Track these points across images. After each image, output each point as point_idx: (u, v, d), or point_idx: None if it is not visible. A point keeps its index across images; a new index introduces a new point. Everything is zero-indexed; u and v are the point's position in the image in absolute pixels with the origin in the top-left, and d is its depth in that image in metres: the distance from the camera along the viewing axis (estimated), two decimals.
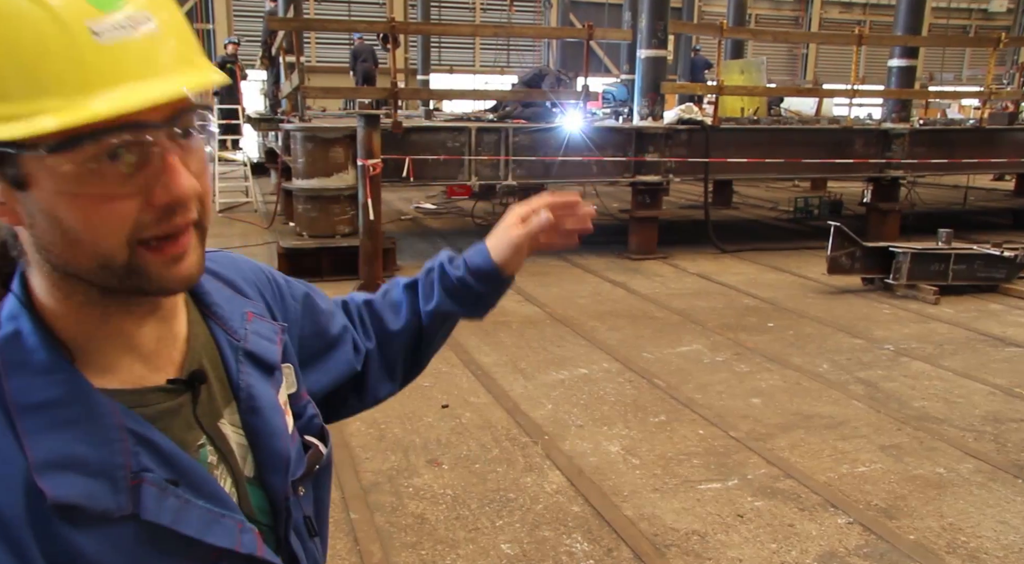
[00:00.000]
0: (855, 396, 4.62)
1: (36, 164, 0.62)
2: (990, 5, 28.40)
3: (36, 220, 0.66)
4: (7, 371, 0.67)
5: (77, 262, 0.67)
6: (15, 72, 0.59)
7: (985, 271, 7.04)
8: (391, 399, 1.22)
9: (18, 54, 0.59)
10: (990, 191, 15.01)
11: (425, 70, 20.01)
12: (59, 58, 0.59)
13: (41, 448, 0.65)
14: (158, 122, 0.64)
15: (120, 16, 0.61)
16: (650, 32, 8.32)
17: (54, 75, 0.59)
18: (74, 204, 0.64)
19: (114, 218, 0.65)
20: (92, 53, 0.60)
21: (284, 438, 0.87)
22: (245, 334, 0.87)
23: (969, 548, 3.07)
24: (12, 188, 0.64)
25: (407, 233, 10.18)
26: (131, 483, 0.69)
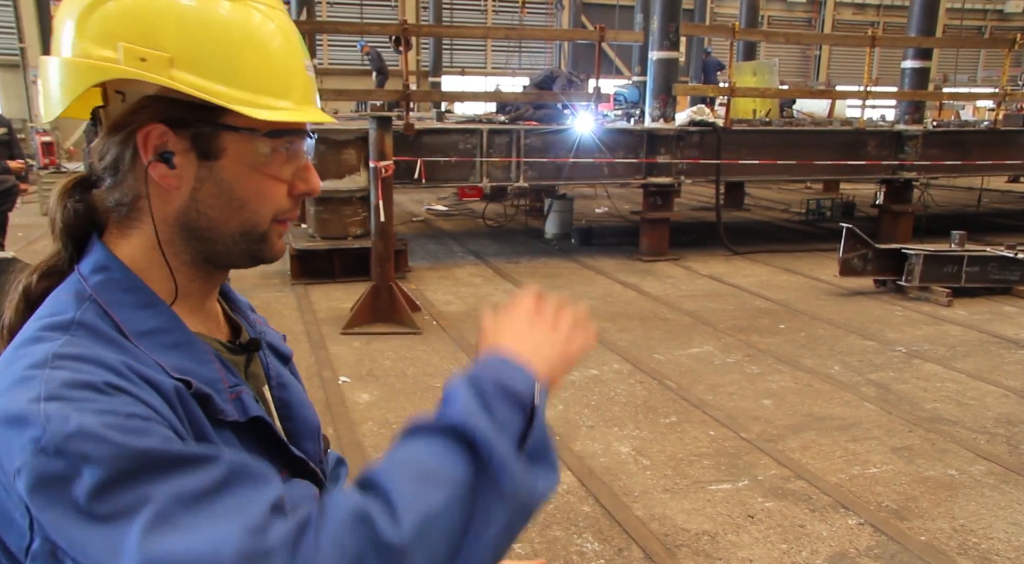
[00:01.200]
0: (867, 398, 4.61)
1: (239, 141, 0.81)
2: (1005, 6, 28.19)
3: (205, 186, 0.82)
4: (111, 308, 0.79)
5: (225, 226, 0.84)
6: (271, 76, 0.81)
7: (999, 273, 6.99)
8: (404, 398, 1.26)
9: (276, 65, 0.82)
10: (1004, 193, 14.91)
11: (437, 72, 20.08)
12: (296, 77, 0.85)
13: (165, 361, 0.78)
14: (312, 134, 0.89)
15: (309, 62, 0.88)
16: (662, 34, 8.32)
17: (291, 86, 0.84)
18: (254, 178, 0.83)
19: (275, 195, 0.86)
20: (308, 81, 0.87)
21: (312, 409, 1.00)
22: (262, 330, 1.01)
23: (980, 550, 3.06)
24: (197, 158, 0.81)
25: (419, 235, 10.22)
26: (231, 396, 0.82)
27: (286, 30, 0.83)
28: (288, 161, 0.85)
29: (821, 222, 11.45)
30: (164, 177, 0.80)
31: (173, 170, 0.80)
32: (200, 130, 0.79)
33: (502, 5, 23.40)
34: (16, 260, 4.06)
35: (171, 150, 0.79)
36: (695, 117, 8.71)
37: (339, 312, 6.23)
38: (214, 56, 0.77)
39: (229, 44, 0.78)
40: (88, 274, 0.81)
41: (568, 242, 9.72)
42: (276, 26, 0.82)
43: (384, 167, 5.76)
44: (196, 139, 0.79)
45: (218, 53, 0.77)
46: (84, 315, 0.76)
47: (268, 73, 0.80)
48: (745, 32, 11.98)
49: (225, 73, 0.77)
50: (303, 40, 0.88)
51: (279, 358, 1.01)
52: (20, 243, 8.46)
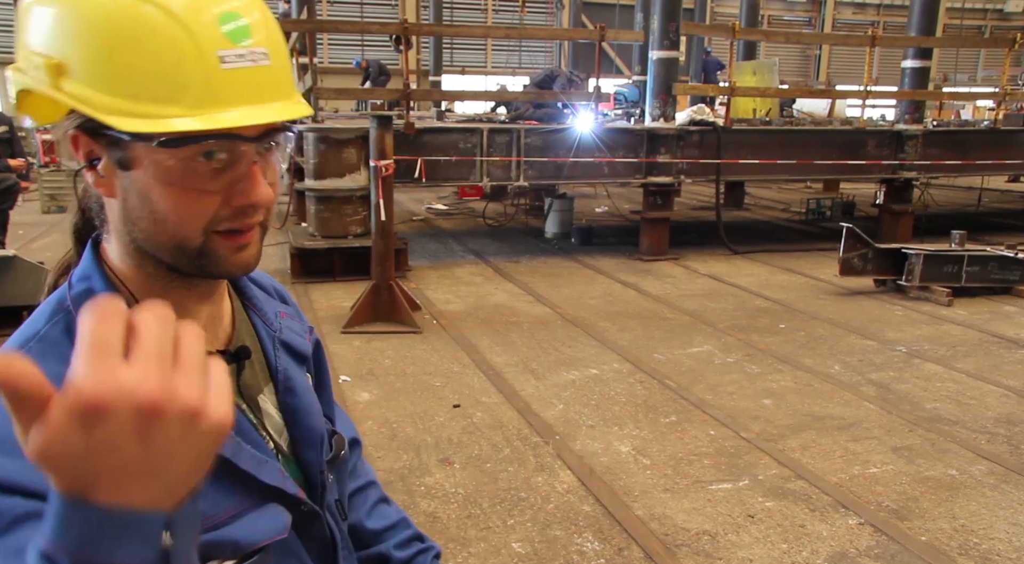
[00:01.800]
0: (867, 397, 4.61)
1: (143, 152, 0.73)
2: (1005, 5, 28.20)
3: (129, 196, 0.76)
4: None
5: (157, 239, 0.77)
6: (153, 78, 0.70)
7: (999, 273, 7.00)
8: (403, 397, 1.24)
9: (159, 64, 0.70)
10: (1004, 192, 14.91)
11: (437, 71, 20.05)
12: (191, 75, 0.70)
13: None
14: (251, 136, 0.75)
15: (244, 49, 0.73)
16: (662, 33, 8.32)
17: (184, 88, 0.70)
18: (167, 191, 0.74)
19: (197, 209, 0.75)
20: (217, 76, 0.71)
21: (318, 417, 0.96)
22: (280, 326, 0.97)
23: (981, 550, 3.06)
24: (116, 167, 0.75)
25: (419, 234, 10.22)
26: None
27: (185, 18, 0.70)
28: (218, 171, 0.74)
29: (821, 222, 11.45)
30: (96, 184, 0.77)
31: (102, 177, 0.76)
32: (111, 137, 0.73)
33: (502, 4, 23.40)
34: (17, 258, 4.05)
35: (97, 156, 0.75)
36: (695, 116, 8.71)
37: (339, 311, 6.23)
38: (92, 59, 0.69)
39: (104, 42, 0.69)
40: (75, 282, 0.80)
41: (568, 241, 9.72)
42: (164, 14, 0.69)
43: (384, 166, 5.76)
44: (110, 146, 0.74)
45: (95, 55, 0.69)
46: (51, 330, 0.76)
47: (147, 73, 0.69)
48: (745, 31, 11.97)
49: (102, 77, 0.69)
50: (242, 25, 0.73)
51: (295, 358, 0.97)
52: (21, 241, 8.46)
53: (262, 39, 0.75)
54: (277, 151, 0.80)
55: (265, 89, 0.75)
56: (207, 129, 0.70)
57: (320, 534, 0.93)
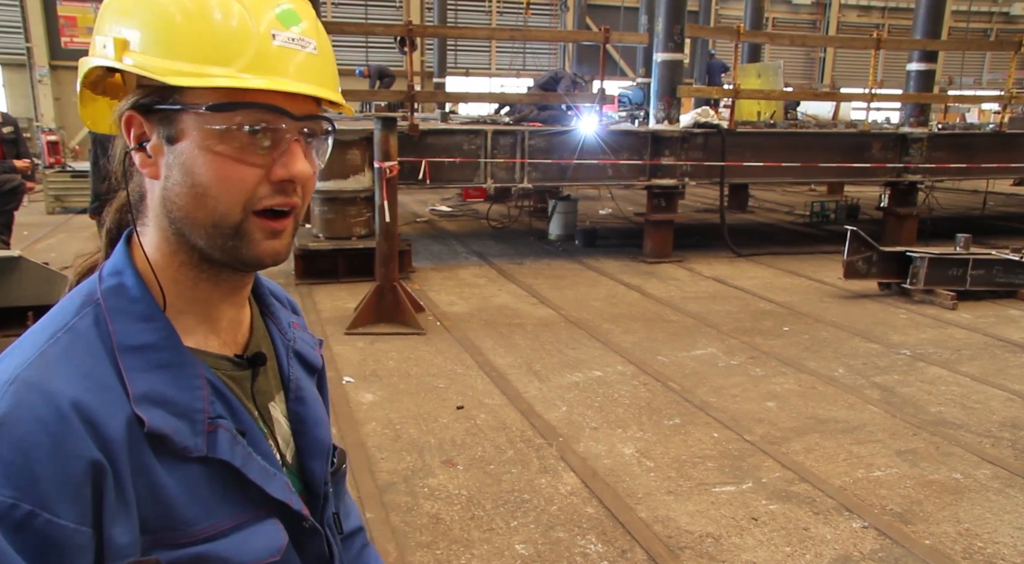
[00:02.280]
0: (871, 401, 4.60)
1: (191, 122, 0.76)
2: (1011, 8, 28.12)
3: (172, 172, 0.78)
4: (111, 316, 0.78)
5: (195, 216, 0.78)
6: (208, 44, 0.75)
7: (1004, 277, 6.98)
8: (407, 398, 1.23)
9: (215, 33, 0.75)
10: (1010, 196, 14.87)
11: (441, 73, 20.09)
12: (244, 44, 0.75)
13: (139, 384, 0.75)
14: (295, 115, 0.78)
15: (294, 33, 0.79)
16: (666, 35, 8.32)
17: (237, 53, 0.75)
18: (211, 160, 0.76)
19: (239, 180, 0.77)
20: (268, 48, 0.77)
21: (327, 428, 0.97)
22: (293, 337, 0.98)
23: (986, 554, 3.05)
24: (164, 143, 0.77)
25: (422, 235, 10.23)
26: (208, 428, 0.78)
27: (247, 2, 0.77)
28: (257, 141, 0.77)
29: (825, 224, 11.44)
30: (143, 164, 0.79)
31: (150, 158, 0.78)
32: (162, 113, 0.77)
33: (506, 6, 23.41)
34: (22, 259, 4.06)
35: (148, 137, 0.78)
36: (699, 119, 8.71)
37: (343, 312, 6.24)
38: (155, 28, 0.75)
39: (167, 14, 0.75)
40: (106, 276, 0.81)
41: (572, 243, 9.72)
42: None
43: (389, 168, 5.77)
44: (161, 122, 0.77)
45: (158, 25, 0.75)
46: (80, 322, 0.77)
47: (206, 38, 0.75)
48: (749, 34, 11.96)
49: (164, 45, 0.75)
50: (294, 13, 0.80)
51: (306, 368, 0.98)
52: (26, 242, 8.49)
53: (311, 32, 0.80)
54: (317, 144, 0.82)
55: (311, 73, 0.79)
56: (254, 87, 0.74)
57: (319, 551, 0.92)
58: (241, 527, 0.80)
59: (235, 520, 0.79)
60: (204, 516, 0.77)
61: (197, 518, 0.76)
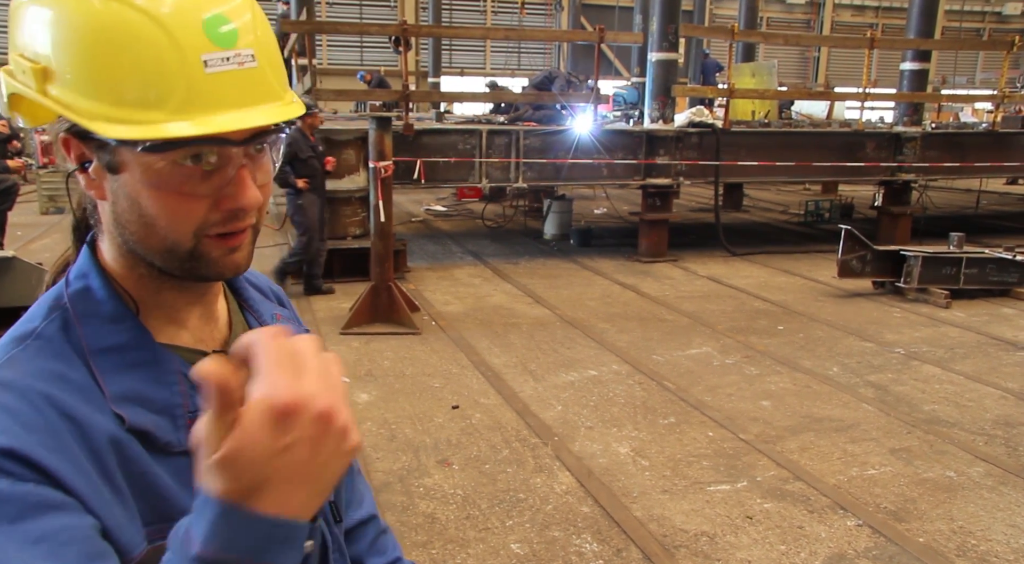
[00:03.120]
0: (865, 399, 4.61)
1: (130, 156, 0.72)
2: (1004, 8, 28.24)
3: (119, 199, 0.75)
4: (80, 320, 0.77)
5: (147, 242, 0.76)
6: (136, 84, 0.69)
7: (997, 275, 7.01)
8: (402, 398, 1.22)
9: (141, 70, 0.69)
10: (1003, 195, 14.94)
11: (436, 73, 20.06)
12: (174, 80, 0.69)
13: (114, 384, 0.75)
14: (239, 140, 0.74)
15: (229, 52, 0.72)
16: (661, 35, 8.33)
17: (167, 93, 0.69)
18: (155, 195, 0.73)
19: (186, 213, 0.74)
20: (200, 81, 0.70)
21: None
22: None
23: (979, 551, 3.06)
24: (105, 170, 0.75)
25: (417, 235, 10.22)
26: (188, 422, 0.77)
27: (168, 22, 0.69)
28: (207, 174, 0.73)
29: (820, 223, 11.46)
30: (88, 186, 0.77)
31: (94, 180, 0.76)
32: (99, 142, 0.72)
33: (501, 6, 23.41)
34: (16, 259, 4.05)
35: (89, 159, 0.75)
36: (694, 118, 8.72)
37: (338, 312, 6.23)
38: (77, 64, 0.69)
39: (88, 48, 0.69)
40: (72, 280, 0.80)
41: (567, 243, 9.73)
42: (148, 20, 0.69)
43: (383, 167, 5.77)
44: (99, 150, 0.74)
45: (79, 60, 0.69)
46: (48, 327, 0.76)
47: (131, 79, 0.69)
48: (744, 33, 11.99)
49: (86, 83, 0.69)
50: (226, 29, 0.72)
51: None
52: (19, 242, 8.46)
53: (249, 41, 0.73)
54: (269, 152, 0.79)
55: (253, 92, 0.74)
56: (189, 135, 0.69)
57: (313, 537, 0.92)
58: None
59: None
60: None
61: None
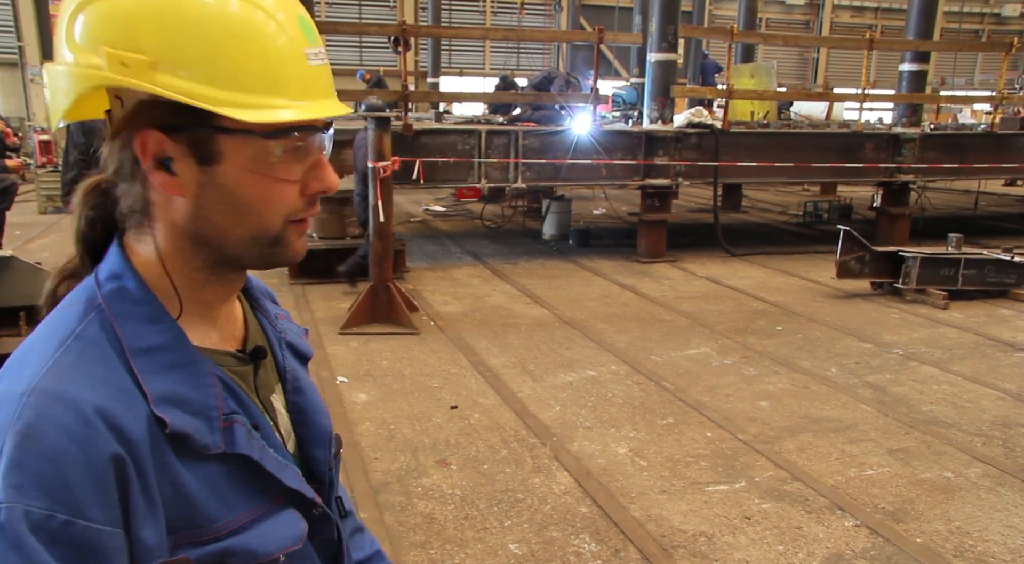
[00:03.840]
0: (863, 400, 4.62)
1: (234, 146, 0.77)
2: (1003, 10, 28.27)
3: (208, 192, 0.78)
4: (117, 320, 0.78)
5: (234, 231, 0.80)
6: (259, 71, 0.75)
7: (995, 276, 7.01)
8: (401, 398, 1.23)
9: (264, 58, 0.76)
10: (1001, 196, 14.95)
11: (435, 73, 20.07)
12: (292, 70, 0.77)
13: (155, 385, 0.76)
14: (322, 128, 0.82)
15: (318, 49, 0.81)
16: (660, 36, 8.33)
17: (285, 80, 0.77)
18: (256, 181, 0.78)
19: (282, 197, 0.81)
20: (308, 71, 0.79)
21: (326, 415, 0.98)
22: (283, 328, 0.99)
23: (976, 552, 3.07)
24: (197, 163, 0.77)
25: (416, 235, 10.22)
26: (223, 424, 0.79)
27: (279, 17, 0.76)
28: (298, 160, 0.80)
29: (818, 224, 11.47)
30: (166, 184, 0.77)
31: (174, 177, 0.77)
32: (196, 135, 0.75)
33: (501, 6, 23.42)
34: (15, 259, 4.05)
35: (170, 156, 0.76)
36: (693, 119, 8.72)
37: (337, 312, 6.23)
38: (195, 55, 0.73)
39: (208, 40, 0.73)
40: (103, 281, 0.80)
41: (566, 243, 9.73)
42: (265, 14, 0.75)
43: (383, 167, 5.77)
44: (193, 144, 0.76)
45: (198, 51, 0.73)
46: (87, 329, 0.76)
47: (255, 68, 0.74)
48: (743, 34, 11.99)
49: (208, 72, 0.73)
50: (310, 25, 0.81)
51: (299, 358, 0.99)
52: (18, 242, 8.45)
53: (319, 39, 0.82)
54: (329, 144, 0.86)
55: (330, 85, 0.83)
56: (315, 118, 0.78)
57: (330, 536, 0.94)
58: (261, 519, 0.82)
59: (254, 513, 0.81)
60: (225, 511, 0.78)
61: (219, 514, 0.78)
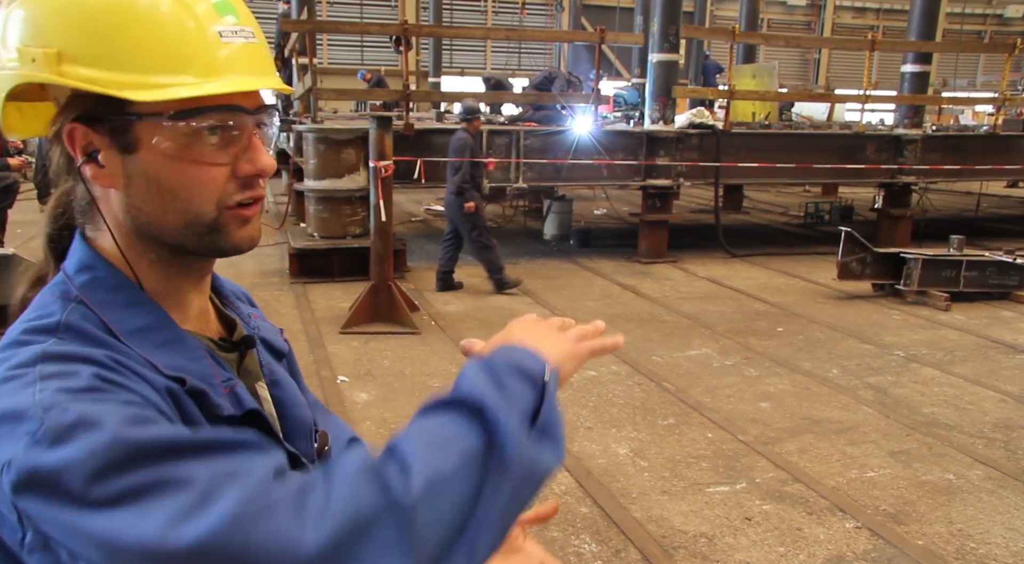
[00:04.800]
0: (864, 401, 4.61)
1: (148, 131, 0.75)
2: (1005, 11, 28.25)
3: (134, 181, 0.77)
4: (99, 308, 0.77)
5: (165, 220, 0.78)
6: (160, 52, 0.73)
7: (997, 278, 7.00)
8: (402, 398, 1.23)
9: (164, 38, 0.74)
10: (1003, 198, 14.94)
11: (436, 72, 20.06)
12: (196, 47, 0.75)
13: (158, 357, 0.77)
14: (249, 109, 0.79)
15: (236, 26, 0.78)
16: (662, 36, 8.33)
17: (188, 58, 0.74)
18: (177, 167, 0.77)
19: (208, 181, 0.78)
20: (218, 48, 0.76)
21: (304, 408, 0.98)
22: (256, 326, 0.99)
23: (978, 555, 3.06)
24: (119, 153, 0.76)
25: (417, 235, 10.22)
26: (225, 391, 0.81)
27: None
28: (224, 142, 0.78)
29: (819, 225, 11.46)
30: (96, 176, 0.77)
31: (103, 168, 0.77)
32: (112, 123, 0.75)
33: (502, 6, 23.41)
34: (16, 256, 4.04)
35: (96, 148, 0.76)
36: (694, 119, 8.72)
37: (338, 311, 6.23)
38: (95, 42, 0.72)
39: (107, 25, 0.72)
40: (73, 274, 0.80)
41: (567, 243, 9.72)
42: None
43: (384, 167, 5.76)
44: (112, 133, 0.75)
45: (98, 38, 0.72)
46: (70, 316, 0.75)
47: (152, 48, 0.73)
48: (745, 35, 11.97)
49: (109, 58, 0.72)
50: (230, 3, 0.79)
51: (273, 354, 0.99)
52: (19, 239, 8.44)
53: (246, 19, 0.80)
54: (267, 128, 0.83)
55: (258, 64, 0.80)
56: (222, 92, 0.74)
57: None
58: None
59: None
60: None
61: None
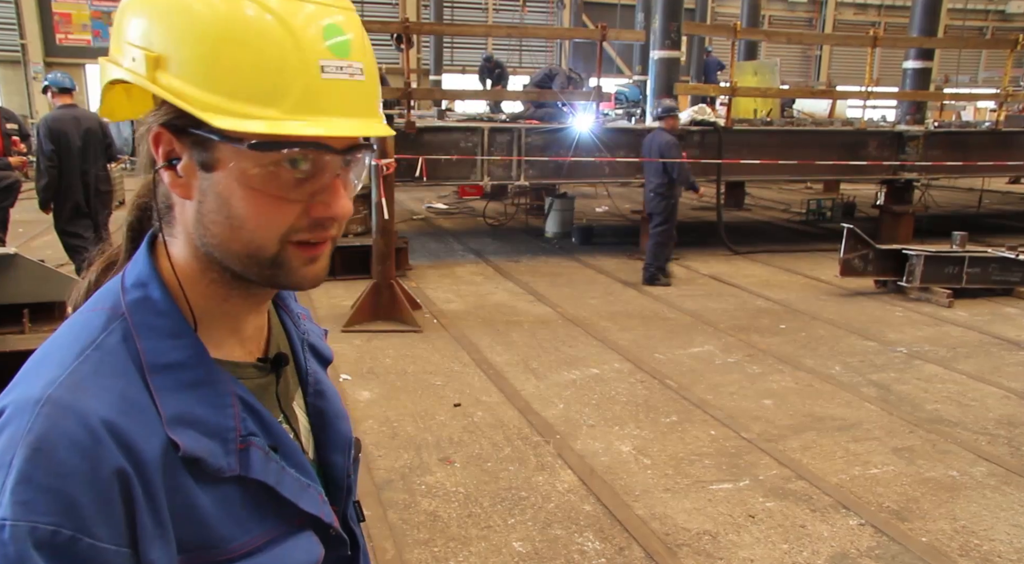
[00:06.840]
0: (867, 398, 4.61)
1: (229, 154, 0.72)
2: (1007, 7, 28.19)
3: (207, 199, 0.74)
4: (139, 332, 0.75)
5: (229, 246, 0.75)
6: (254, 79, 0.70)
7: (1000, 274, 6.99)
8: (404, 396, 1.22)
9: (261, 64, 0.70)
10: (1005, 194, 14.92)
11: (438, 70, 20.06)
12: (292, 79, 0.70)
13: (170, 405, 0.73)
14: (337, 149, 0.75)
15: (344, 62, 0.74)
16: (663, 33, 8.32)
17: (281, 91, 0.70)
18: (248, 196, 0.73)
19: (276, 216, 0.74)
20: (317, 85, 0.71)
21: (347, 420, 0.96)
22: (305, 329, 0.97)
23: (982, 551, 3.06)
24: (198, 168, 0.74)
25: (419, 233, 10.22)
26: (239, 447, 0.76)
27: (293, 23, 0.71)
28: (303, 179, 0.74)
29: (821, 222, 11.45)
30: (174, 185, 0.75)
31: (180, 178, 0.75)
32: (196, 137, 0.72)
33: (503, 3, 23.39)
34: (18, 256, 4.04)
35: (178, 156, 0.74)
36: (696, 117, 8.71)
37: (340, 309, 6.23)
38: (193, 55, 0.70)
39: (208, 41, 0.69)
40: (129, 287, 0.78)
41: (568, 241, 9.72)
42: (275, 19, 0.70)
43: (386, 165, 5.76)
44: (195, 147, 0.73)
45: (197, 52, 0.70)
46: (108, 338, 0.74)
47: (249, 74, 0.69)
48: (746, 32, 11.95)
49: (202, 75, 0.69)
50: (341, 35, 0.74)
51: (320, 360, 0.97)
52: (21, 239, 8.46)
53: (360, 55, 0.76)
54: (356, 167, 0.79)
55: (357, 104, 0.75)
56: (302, 134, 0.70)
57: (342, 554, 0.92)
58: (276, 541, 0.79)
59: (269, 534, 0.79)
60: (240, 533, 0.76)
61: (233, 535, 0.76)
